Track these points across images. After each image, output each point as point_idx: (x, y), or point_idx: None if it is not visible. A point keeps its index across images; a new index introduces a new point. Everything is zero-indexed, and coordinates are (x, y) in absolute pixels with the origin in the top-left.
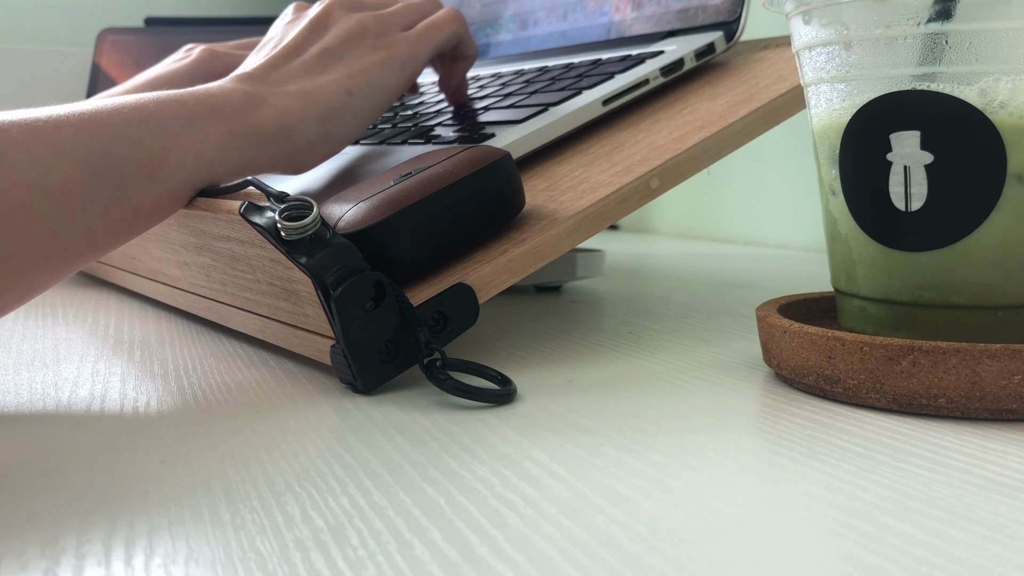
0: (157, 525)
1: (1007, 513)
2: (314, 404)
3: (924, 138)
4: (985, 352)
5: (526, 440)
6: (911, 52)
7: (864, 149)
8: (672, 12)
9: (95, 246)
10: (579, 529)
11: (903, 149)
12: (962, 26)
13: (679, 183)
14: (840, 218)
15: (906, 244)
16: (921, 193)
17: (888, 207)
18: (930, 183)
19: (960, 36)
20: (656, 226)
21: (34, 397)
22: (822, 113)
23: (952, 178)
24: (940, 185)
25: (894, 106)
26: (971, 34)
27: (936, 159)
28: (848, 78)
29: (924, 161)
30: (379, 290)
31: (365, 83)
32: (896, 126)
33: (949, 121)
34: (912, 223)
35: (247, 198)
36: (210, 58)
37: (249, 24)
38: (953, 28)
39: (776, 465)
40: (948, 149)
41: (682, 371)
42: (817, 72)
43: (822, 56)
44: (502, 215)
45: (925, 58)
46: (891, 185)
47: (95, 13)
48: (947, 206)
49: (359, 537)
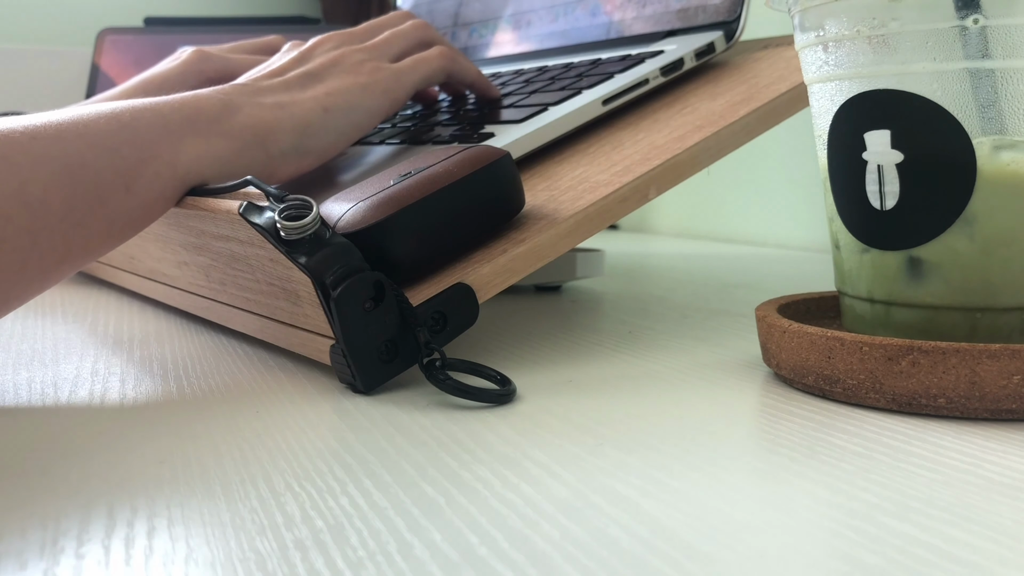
0: (156, 525)
1: (1007, 513)
2: (314, 404)
3: (894, 137)
4: (985, 352)
5: (526, 440)
6: (888, 50)
7: (844, 148)
8: (672, 12)
9: (70, 259)
10: (579, 529)
11: (875, 148)
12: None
13: (679, 183)
14: (832, 217)
15: (882, 243)
16: (894, 192)
17: (867, 206)
18: (901, 182)
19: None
20: (656, 226)
21: (33, 396)
22: (816, 113)
23: (921, 178)
24: (911, 184)
25: (867, 106)
26: None
27: (906, 158)
28: (830, 78)
29: (895, 160)
30: (379, 290)
31: (344, 103)
32: (869, 125)
33: (917, 120)
34: (886, 221)
35: (247, 198)
36: (200, 59)
37: (249, 24)
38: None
39: (776, 465)
40: (916, 148)
41: (682, 371)
42: (809, 72)
43: (811, 56)
44: (502, 215)
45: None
46: (867, 184)
47: (95, 13)
48: (918, 205)
49: (359, 537)
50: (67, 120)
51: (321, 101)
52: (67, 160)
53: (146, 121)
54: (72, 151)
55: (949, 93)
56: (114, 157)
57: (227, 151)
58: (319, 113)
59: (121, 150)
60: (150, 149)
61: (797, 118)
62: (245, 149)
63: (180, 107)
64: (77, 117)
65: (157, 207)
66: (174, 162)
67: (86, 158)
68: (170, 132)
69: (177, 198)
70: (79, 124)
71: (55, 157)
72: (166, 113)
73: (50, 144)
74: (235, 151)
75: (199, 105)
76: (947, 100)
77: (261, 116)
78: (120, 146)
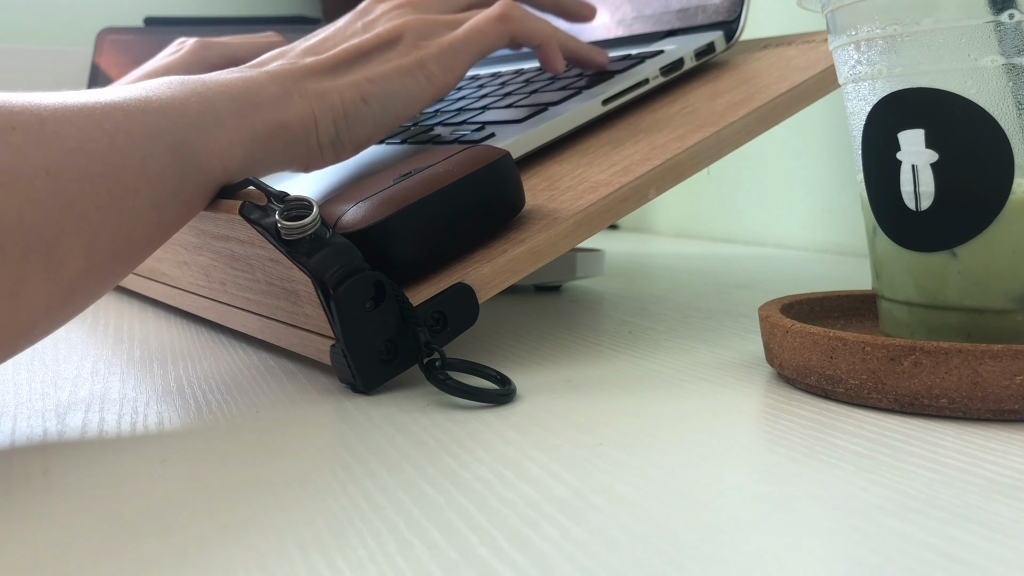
0: (156, 525)
1: (1007, 513)
2: (314, 404)
3: (928, 136)
4: (987, 352)
5: (526, 440)
6: (921, 48)
7: (879, 149)
8: (672, 12)
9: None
10: (579, 529)
11: (909, 148)
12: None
13: (679, 183)
14: (867, 219)
15: (918, 244)
16: (929, 192)
17: (902, 206)
18: (936, 182)
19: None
20: (656, 226)
21: (33, 396)
22: (851, 114)
23: (957, 177)
24: (946, 184)
25: (900, 105)
26: None
27: (941, 157)
28: (863, 78)
29: (930, 160)
30: (379, 290)
31: (383, 91)
32: (903, 125)
33: (952, 118)
34: (922, 222)
35: (247, 198)
36: (203, 48)
37: (249, 24)
38: None
39: (776, 465)
40: (952, 147)
41: (682, 371)
42: (843, 73)
43: (843, 56)
44: (502, 215)
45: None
46: (901, 184)
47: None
48: (953, 206)
49: (359, 537)
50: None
51: (361, 88)
52: (174, 135)
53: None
54: (177, 133)
55: (985, 90)
56: (206, 137)
57: (279, 141)
58: (358, 103)
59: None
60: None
61: (797, 118)
62: (293, 142)
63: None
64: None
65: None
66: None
67: (188, 134)
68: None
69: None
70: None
71: (165, 131)
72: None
73: (159, 119)
74: (285, 143)
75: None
76: (983, 97)
77: (306, 106)
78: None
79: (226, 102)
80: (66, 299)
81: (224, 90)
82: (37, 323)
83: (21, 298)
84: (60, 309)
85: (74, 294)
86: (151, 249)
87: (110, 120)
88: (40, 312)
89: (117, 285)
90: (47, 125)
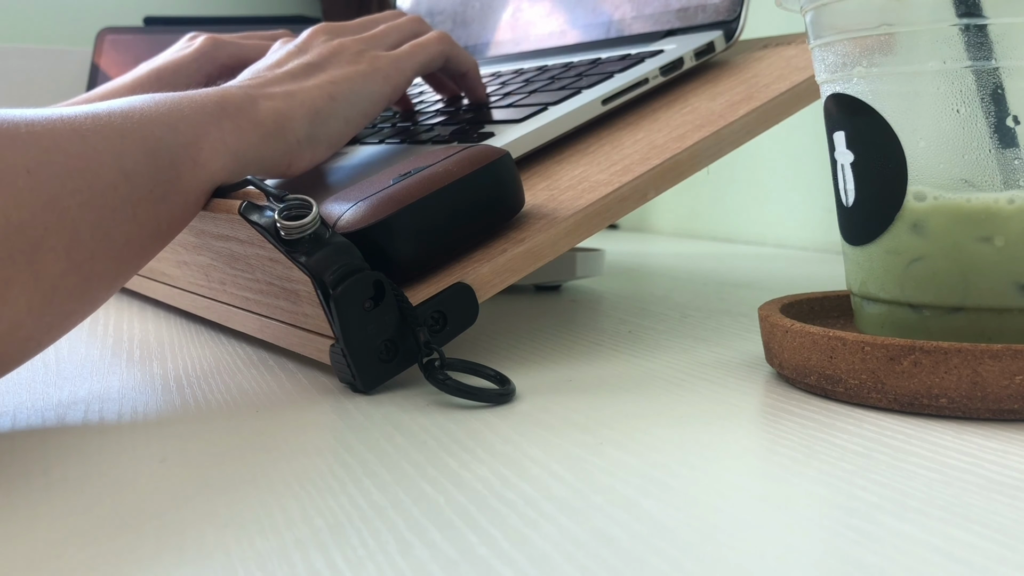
0: (156, 524)
1: (1007, 513)
2: (314, 404)
3: (847, 138)
4: (987, 352)
5: (525, 439)
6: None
7: (830, 147)
8: (671, 11)
9: (159, 235)
10: (579, 529)
11: (840, 148)
12: None
13: (679, 183)
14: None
15: (849, 237)
16: (851, 190)
17: (840, 202)
18: (855, 182)
19: None
20: (656, 225)
21: (33, 396)
22: None
23: (865, 178)
24: (859, 185)
25: (834, 108)
26: None
27: (855, 158)
28: (823, 80)
29: (849, 160)
30: (378, 289)
31: (348, 90)
32: (836, 126)
33: (860, 124)
34: (851, 218)
35: (246, 197)
36: (214, 46)
37: (249, 24)
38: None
39: (776, 464)
40: (861, 150)
41: (682, 371)
42: (817, 74)
43: (816, 56)
44: (501, 214)
45: None
46: (836, 181)
47: (94, 12)
48: (864, 206)
49: (359, 537)
50: (126, 103)
51: (326, 89)
52: (145, 132)
53: (191, 106)
54: (145, 125)
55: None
56: (177, 135)
57: (257, 138)
58: (327, 100)
59: (179, 127)
60: (203, 128)
61: (797, 118)
62: (270, 136)
63: (207, 97)
64: (136, 102)
65: (218, 180)
66: (225, 141)
67: (157, 131)
68: (211, 116)
69: (229, 180)
70: (144, 105)
71: (134, 130)
72: (199, 101)
73: (127, 122)
74: (262, 138)
75: (222, 95)
76: (882, 105)
77: (275, 105)
78: (177, 123)
79: (194, 106)
80: (48, 299)
81: (190, 98)
82: (21, 324)
83: (4, 300)
84: (42, 309)
85: (56, 293)
86: (131, 251)
87: (80, 123)
88: (23, 312)
89: None
90: (20, 128)
